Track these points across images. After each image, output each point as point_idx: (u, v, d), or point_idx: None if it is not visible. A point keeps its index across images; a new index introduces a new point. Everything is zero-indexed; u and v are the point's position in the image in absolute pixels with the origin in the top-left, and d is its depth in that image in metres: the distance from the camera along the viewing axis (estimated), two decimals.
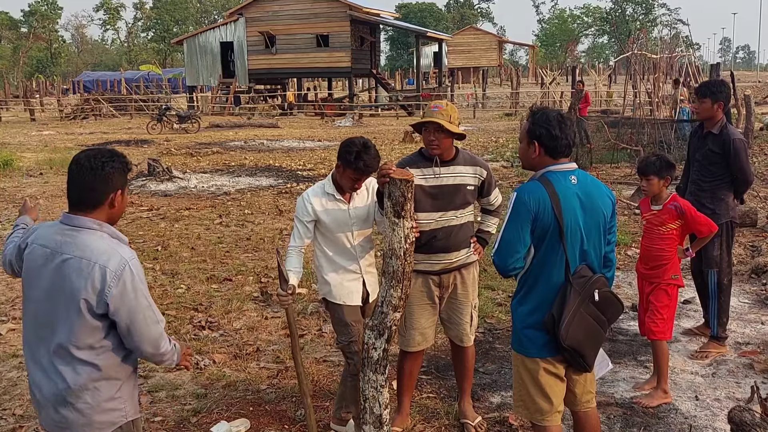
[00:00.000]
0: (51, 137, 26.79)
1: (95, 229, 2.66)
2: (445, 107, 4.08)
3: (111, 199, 2.69)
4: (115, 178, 2.69)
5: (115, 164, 2.70)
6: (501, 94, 49.44)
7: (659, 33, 69.16)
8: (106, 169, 2.66)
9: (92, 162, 2.66)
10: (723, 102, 5.42)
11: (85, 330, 2.61)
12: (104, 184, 2.67)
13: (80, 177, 2.66)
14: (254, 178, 15.94)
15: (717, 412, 4.64)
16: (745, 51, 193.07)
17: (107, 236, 2.68)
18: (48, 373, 2.68)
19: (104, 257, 2.59)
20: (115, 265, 2.59)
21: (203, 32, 44.21)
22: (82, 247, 2.62)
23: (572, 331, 3.19)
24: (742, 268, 7.76)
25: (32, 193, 14.00)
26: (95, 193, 2.67)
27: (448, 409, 4.70)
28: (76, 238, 2.64)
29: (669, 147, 15.34)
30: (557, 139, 3.27)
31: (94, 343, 2.64)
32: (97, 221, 2.68)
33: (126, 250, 2.67)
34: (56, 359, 2.65)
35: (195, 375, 5.37)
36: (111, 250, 2.62)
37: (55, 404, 2.67)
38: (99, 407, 2.69)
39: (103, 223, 2.69)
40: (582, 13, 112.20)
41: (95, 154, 2.70)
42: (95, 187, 2.66)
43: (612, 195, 3.45)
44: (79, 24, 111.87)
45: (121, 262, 2.60)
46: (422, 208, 4.07)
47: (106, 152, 2.73)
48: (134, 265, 2.64)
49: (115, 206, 2.72)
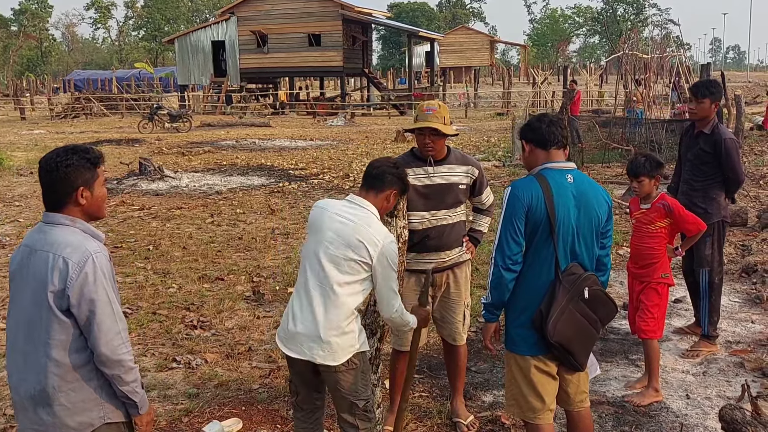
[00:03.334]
0: (41, 136, 26.66)
1: (67, 224, 2.67)
2: (439, 108, 4.08)
3: (74, 197, 2.67)
4: (73, 175, 2.66)
5: (72, 162, 2.66)
6: (493, 93, 49.49)
7: (650, 33, 69.36)
8: (60, 170, 2.65)
9: (49, 164, 2.67)
10: (718, 101, 5.47)
11: (55, 327, 2.59)
12: (62, 184, 2.66)
13: (42, 179, 2.69)
14: (246, 178, 15.91)
15: (708, 410, 4.66)
16: (736, 51, 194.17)
17: (79, 231, 2.67)
18: (24, 373, 2.67)
19: (68, 250, 2.59)
20: (78, 257, 2.58)
21: (195, 31, 44.09)
22: (51, 241, 2.63)
23: (560, 328, 3.20)
24: (733, 268, 7.80)
25: (22, 192, 13.93)
26: (56, 193, 2.68)
27: (441, 408, 4.71)
28: (49, 234, 2.66)
29: (660, 146, 15.41)
30: (537, 130, 3.37)
31: (67, 340, 2.61)
32: (69, 217, 2.68)
33: (93, 244, 2.65)
34: (30, 359, 2.64)
35: (187, 374, 5.36)
36: (77, 243, 2.62)
37: (32, 405, 2.65)
38: (74, 408, 2.65)
39: (77, 219, 2.69)
40: (573, 13, 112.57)
41: (52, 155, 2.69)
42: (55, 188, 2.67)
43: (609, 198, 3.46)
44: (69, 22, 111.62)
45: (84, 254, 2.59)
46: (414, 207, 4.07)
47: (63, 151, 2.70)
48: (98, 259, 2.61)
49: (83, 203, 2.69)
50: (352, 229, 3.35)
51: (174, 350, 5.84)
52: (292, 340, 3.42)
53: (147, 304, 6.95)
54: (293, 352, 3.43)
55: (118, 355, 2.62)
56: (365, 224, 3.38)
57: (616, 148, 16.17)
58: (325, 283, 3.37)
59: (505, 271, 3.29)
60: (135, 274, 8.05)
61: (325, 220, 3.42)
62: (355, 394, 3.48)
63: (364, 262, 3.34)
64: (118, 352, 2.62)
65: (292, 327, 3.41)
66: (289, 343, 3.44)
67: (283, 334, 3.49)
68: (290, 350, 3.44)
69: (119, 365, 2.63)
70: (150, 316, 6.59)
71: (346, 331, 3.38)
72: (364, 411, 3.53)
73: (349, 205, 3.48)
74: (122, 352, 2.63)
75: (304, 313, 3.39)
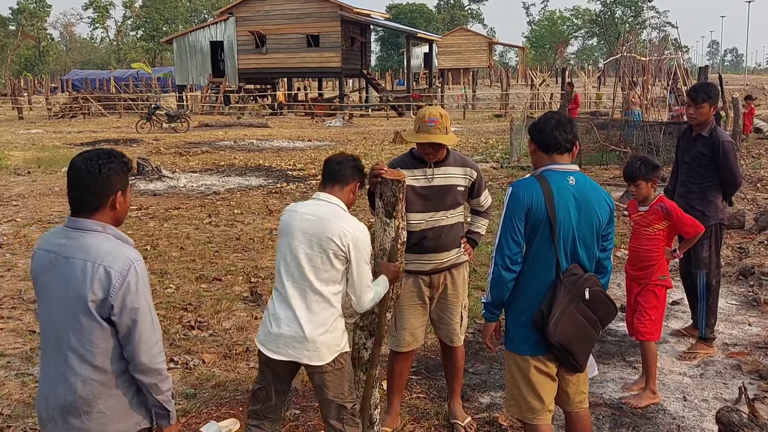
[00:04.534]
0: (39, 136, 26.64)
1: (99, 231, 2.61)
2: (441, 119, 4.03)
3: (112, 201, 2.64)
4: (114, 179, 2.63)
5: (113, 165, 2.64)
6: (491, 95, 49.53)
7: (648, 35, 69.47)
8: (103, 171, 2.60)
9: (89, 165, 2.60)
10: (716, 105, 5.51)
11: (98, 334, 2.55)
12: (103, 186, 2.61)
13: (78, 181, 2.59)
14: (244, 178, 15.91)
15: (705, 412, 4.67)
16: (733, 54, 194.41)
17: (112, 237, 2.63)
18: (53, 383, 2.61)
19: (109, 258, 2.54)
20: (120, 265, 2.53)
21: (193, 31, 44.10)
22: (86, 249, 2.57)
23: (561, 328, 3.21)
24: (730, 270, 7.81)
25: (20, 191, 13.91)
26: (95, 196, 2.61)
27: (438, 409, 4.71)
28: (79, 241, 2.59)
29: (658, 149, 15.44)
30: (542, 133, 3.35)
31: (109, 348, 2.57)
32: (100, 223, 2.63)
33: (131, 251, 2.61)
34: (67, 367, 2.58)
35: (184, 375, 5.36)
36: (116, 251, 2.57)
37: (63, 415, 2.60)
38: (112, 416, 2.61)
39: (107, 225, 2.64)
40: (572, 15, 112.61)
41: (92, 156, 2.63)
42: (94, 190, 2.60)
43: (611, 201, 3.46)
44: (67, 22, 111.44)
45: (126, 263, 2.55)
46: (413, 208, 4.07)
47: (104, 153, 2.66)
48: (139, 267, 2.58)
49: (117, 207, 2.66)
50: (320, 226, 3.39)
51: (171, 350, 5.83)
52: (275, 342, 3.43)
53: None
54: (277, 354, 3.43)
55: (156, 364, 2.60)
56: (334, 219, 3.41)
57: (614, 150, 16.19)
58: (303, 283, 3.40)
59: (504, 270, 3.29)
60: None
61: (296, 221, 3.45)
62: (342, 396, 3.49)
63: (338, 255, 3.37)
64: (156, 361, 2.60)
65: (275, 329, 3.42)
66: (272, 345, 3.44)
67: (264, 337, 3.49)
68: (273, 352, 3.44)
69: (157, 374, 2.61)
70: None
71: (330, 329, 3.41)
72: (351, 415, 3.53)
73: (316, 203, 3.52)
74: (159, 361, 2.61)
75: (286, 315, 3.41)
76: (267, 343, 3.46)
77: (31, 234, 10.13)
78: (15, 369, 5.50)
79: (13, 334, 6.24)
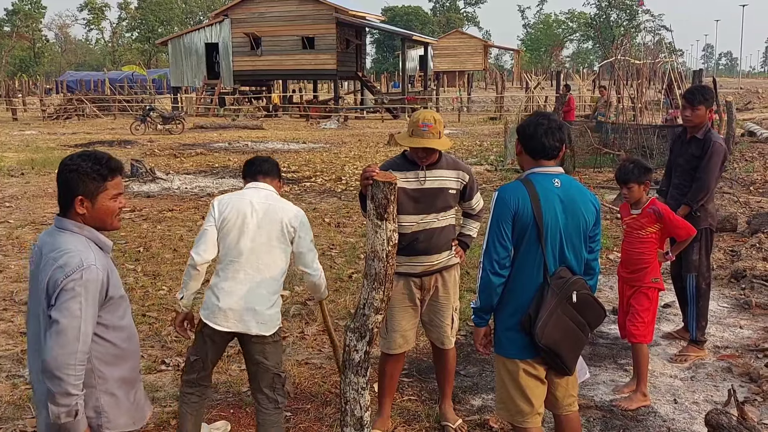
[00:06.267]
0: (33, 137, 26.57)
1: (74, 231, 2.64)
2: (434, 124, 4.03)
3: (72, 204, 2.63)
4: (73, 183, 2.61)
5: (78, 168, 2.61)
6: (486, 98, 49.57)
7: (643, 39, 69.64)
8: (63, 173, 2.63)
9: (61, 166, 2.66)
10: (712, 108, 5.53)
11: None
12: (63, 189, 2.65)
13: (57, 179, 2.68)
14: (238, 180, 15.86)
15: (695, 415, 4.68)
16: (728, 58, 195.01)
17: (83, 239, 2.63)
18: (39, 376, 2.63)
19: (66, 257, 2.54)
20: (71, 267, 2.52)
21: (188, 33, 44.01)
22: (56, 246, 2.60)
23: (548, 331, 3.21)
24: (722, 273, 7.83)
25: (13, 193, 13.88)
26: (60, 197, 2.67)
27: (429, 411, 4.71)
28: (55, 238, 2.63)
29: (651, 152, 15.47)
30: (530, 138, 3.34)
31: None
32: (76, 224, 2.64)
33: (90, 256, 2.57)
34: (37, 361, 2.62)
35: (176, 377, 5.34)
36: (75, 251, 2.56)
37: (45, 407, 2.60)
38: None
39: (84, 227, 2.65)
40: (567, 18, 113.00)
41: (67, 157, 2.68)
42: (60, 191, 2.67)
43: (597, 202, 3.47)
44: (62, 23, 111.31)
45: (76, 265, 2.52)
46: (404, 210, 4.07)
47: (77, 156, 2.67)
48: (88, 273, 2.53)
49: (82, 212, 2.64)
50: (270, 209, 3.83)
51: (163, 352, 5.83)
52: (224, 315, 3.78)
53: (136, 306, 6.93)
54: (225, 327, 3.79)
55: (61, 372, 2.45)
56: (279, 203, 3.89)
57: (607, 153, 16.22)
58: (251, 262, 3.79)
59: (493, 275, 3.29)
60: (125, 276, 8.02)
61: (241, 207, 3.81)
62: (278, 366, 3.92)
63: (286, 234, 3.83)
64: (62, 370, 2.45)
65: (224, 303, 3.78)
66: (220, 319, 3.79)
67: (210, 311, 3.82)
68: (221, 325, 3.79)
69: (59, 383, 2.45)
70: (139, 318, 6.56)
71: (275, 304, 3.86)
72: (282, 386, 3.93)
73: (257, 191, 3.92)
74: (66, 373, 2.46)
75: (237, 290, 3.78)
76: (213, 317, 3.80)
77: (24, 235, 10.10)
78: (5, 371, 5.49)
79: (4, 336, 6.22)
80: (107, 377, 2.70)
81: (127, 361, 2.78)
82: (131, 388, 2.83)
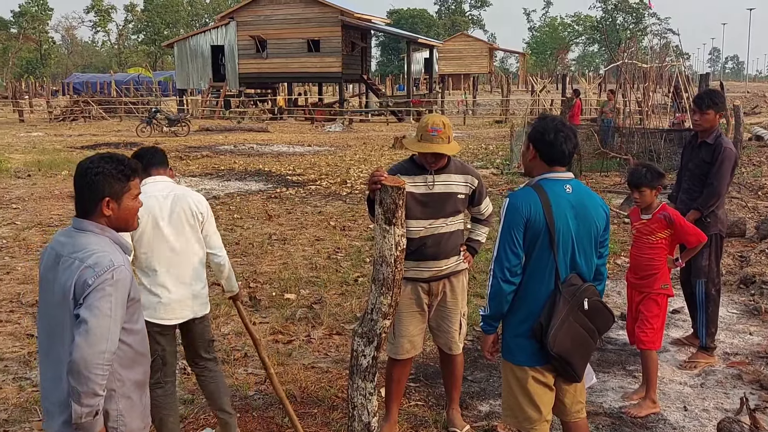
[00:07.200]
0: (40, 139, 26.65)
1: (96, 232, 2.63)
2: (443, 128, 4.01)
3: (99, 207, 2.62)
4: (101, 185, 2.61)
5: (103, 170, 2.61)
6: (491, 101, 49.55)
7: (649, 42, 69.63)
8: (89, 176, 2.61)
9: (80, 168, 2.64)
10: (722, 112, 5.49)
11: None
12: (90, 191, 2.62)
13: (75, 183, 2.65)
14: (243, 183, 15.89)
15: (705, 422, 4.63)
16: (734, 61, 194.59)
17: (107, 240, 2.62)
18: (55, 380, 2.61)
19: (94, 258, 2.53)
20: (101, 267, 2.51)
21: (194, 35, 44.10)
22: (78, 247, 2.58)
23: (560, 339, 3.18)
24: (731, 279, 7.78)
25: (20, 194, 13.89)
26: (83, 199, 2.64)
27: (437, 417, 4.68)
28: (76, 239, 2.61)
29: (658, 156, 15.43)
30: (550, 145, 3.27)
31: None
32: (99, 225, 2.64)
33: (119, 257, 2.58)
34: (62, 363, 2.55)
35: (182, 380, 5.32)
36: (102, 252, 2.55)
37: (60, 413, 2.58)
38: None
39: (106, 228, 2.64)
40: (573, 21, 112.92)
41: (87, 160, 2.66)
42: (83, 194, 2.64)
43: (606, 208, 3.44)
44: (69, 25, 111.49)
45: (107, 265, 2.52)
46: (412, 215, 4.05)
47: (99, 158, 2.66)
48: (119, 273, 2.53)
49: (108, 214, 2.64)
50: (180, 199, 3.96)
51: None
52: (169, 309, 3.90)
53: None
54: (172, 320, 3.93)
55: (89, 371, 2.42)
56: (184, 192, 4.03)
57: (614, 157, 16.18)
58: (178, 252, 3.91)
59: (504, 282, 3.25)
60: None
61: (147, 205, 3.75)
62: (211, 334, 4.32)
63: (198, 220, 4.00)
64: (90, 369, 2.42)
65: (166, 298, 3.88)
66: (166, 314, 3.90)
67: (153, 309, 3.85)
68: (167, 319, 3.90)
69: (85, 382, 2.42)
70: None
71: (205, 284, 4.10)
72: (213, 342, 4.30)
73: (155, 185, 3.97)
74: (95, 373, 2.43)
75: (173, 281, 3.90)
76: (157, 313, 3.86)
77: (31, 237, 10.11)
78: (12, 373, 5.48)
79: (11, 338, 6.21)
80: (125, 380, 2.68)
81: (141, 364, 2.77)
82: (143, 391, 2.82)
